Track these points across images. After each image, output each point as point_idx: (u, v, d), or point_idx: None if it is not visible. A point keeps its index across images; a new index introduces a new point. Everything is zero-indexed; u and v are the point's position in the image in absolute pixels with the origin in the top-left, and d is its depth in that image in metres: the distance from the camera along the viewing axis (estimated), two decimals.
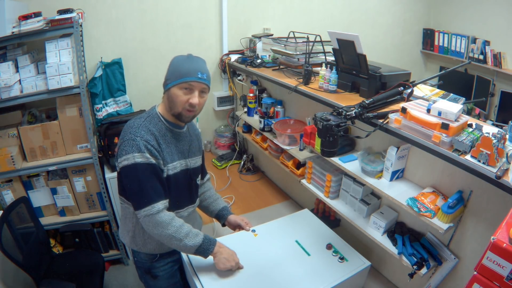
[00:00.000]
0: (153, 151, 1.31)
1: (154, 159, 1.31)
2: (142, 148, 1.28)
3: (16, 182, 2.26)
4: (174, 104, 1.35)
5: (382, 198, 1.69)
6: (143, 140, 1.29)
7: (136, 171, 1.28)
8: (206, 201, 1.75)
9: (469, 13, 3.71)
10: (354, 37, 1.60)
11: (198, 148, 1.61)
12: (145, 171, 1.29)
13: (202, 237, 1.39)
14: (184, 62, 1.35)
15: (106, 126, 2.39)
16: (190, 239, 1.35)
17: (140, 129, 1.33)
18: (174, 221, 1.34)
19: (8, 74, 1.96)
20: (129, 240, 1.51)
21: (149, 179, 1.30)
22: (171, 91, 1.34)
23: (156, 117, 1.40)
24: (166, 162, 1.38)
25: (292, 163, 2.19)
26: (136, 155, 1.28)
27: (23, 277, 1.99)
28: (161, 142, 1.36)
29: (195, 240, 1.36)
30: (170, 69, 1.37)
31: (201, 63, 1.39)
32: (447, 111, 1.20)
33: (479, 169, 1.09)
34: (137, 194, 1.31)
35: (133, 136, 1.30)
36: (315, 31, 2.10)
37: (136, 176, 1.29)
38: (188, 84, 1.33)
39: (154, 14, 2.64)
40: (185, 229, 1.35)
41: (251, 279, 1.43)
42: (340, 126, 1.28)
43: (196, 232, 1.40)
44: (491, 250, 0.79)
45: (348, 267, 1.51)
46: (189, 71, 1.33)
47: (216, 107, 3.06)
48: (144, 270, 1.56)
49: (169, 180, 1.41)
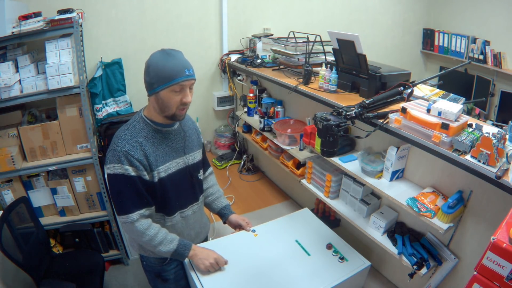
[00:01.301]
0: (134, 162, 1.30)
1: (133, 169, 1.31)
2: (122, 159, 1.29)
3: (16, 182, 2.26)
4: (167, 107, 1.32)
5: (382, 198, 1.69)
6: (123, 150, 1.29)
7: (115, 181, 1.33)
8: (209, 197, 1.73)
9: (469, 13, 3.71)
10: (354, 37, 1.60)
11: (197, 142, 1.57)
12: (122, 182, 1.31)
13: (176, 243, 1.43)
14: (166, 61, 1.27)
15: (106, 126, 2.39)
16: (164, 246, 1.40)
17: (122, 138, 1.32)
18: (149, 230, 1.37)
19: (8, 74, 1.96)
20: (137, 246, 1.51)
21: (126, 190, 1.33)
22: (160, 95, 1.29)
23: (142, 121, 1.37)
24: (155, 166, 1.36)
25: (292, 163, 2.19)
26: (116, 165, 1.30)
27: (23, 277, 1.99)
28: (146, 148, 1.33)
29: (169, 247, 1.41)
30: (151, 71, 1.28)
31: (182, 58, 1.31)
32: (447, 111, 1.20)
33: (479, 169, 1.09)
34: (116, 202, 1.37)
35: (115, 146, 1.32)
36: (315, 31, 2.10)
37: (114, 185, 1.34)
38: (179, 85, 1.28)
39: (154, 14, 2.64)
40: (159, 237, 1.39)
41: (251, 279, 1.43)
42: (340, 126, 1.28)
43: (172, 238, 1.43)
44: (491, 250, 0.79)
45: (348, 267, 1.51)
46: (176, 70, 1.26)
47: (216, 107, 3.06)
48: (155, 274, 1.56)
49: (164, 183, 1.40)
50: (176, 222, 1.51)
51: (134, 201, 1.34)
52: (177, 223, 1.51)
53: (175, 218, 1.50)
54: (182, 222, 1.54)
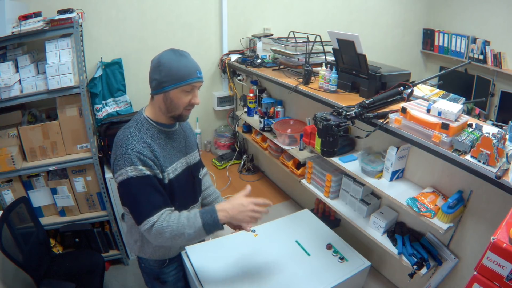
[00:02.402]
0: (147, 161, 1.25)
1: (148, 169, 1.25)
2: (135, 160, 1.23)
3: (16, 182, 2.26)
4: (175, 107, 1.32)
5: (382, 198, 1.69)
6: (134, 151, 1.24)
7: (130, 186, 1.24)
8: (207, 199, 1.73)
9: (469, 13, 3.71)
10: (354, 37, 1.60)
11: (195, 142, 1.58)
12: (138, 184, 1.24)
13: (199, 217, 1.26)
14: (179, 61, 1.28)
15: (106, 126, 2.39)
16: (190, 227, 1.25)
17: (130, 140, 1.27)
18: (169, 223, 1.24)
19: (8, 74, 1.96)
20: (137, 249, 1.50)
21: (143, 192, 1.25)
22: (171, 94, 1.29)
23: (146, 122, 1.35)
24: (164, 167, 1.33)
25: (292, 163, 2.19)
26: (129, 169, 1.23)
27: (23, 277, 1.99)
28: (155, 149, 1.30)
29: (195, 225, 1.25)
30: (163, 70, 1.27)
31: (193, 60, 1.33)
32: (447, 111, 1.20)
33: (479, 169, 1.09)
34: (134, 210, 1.27)
35: (124, 149, 1.25)
36: (315, 31, 2.10)
37: (131, 191, 1.25)
38: (191, 86, 1.29)
39: (154, 14, 2.64)
40: (181, 221, 1.25)
41: (251, 279, 1.43)
42: (340, 126, 1.28)
43: (193, 214, 1.28)
44: (491, 250, 0.79)
45: (348, 267, 1.51)
46: (189, 71, 1.28)
47: (216, 107, 3.06)
48: (153, 276, 1.55)
49: (172, 184, 1.37)
50: None
51: (153, 202, 1.26)
52: None
53: None
54: None
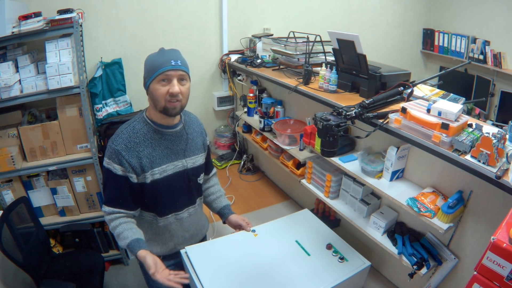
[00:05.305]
0: (123, 162, 1.34)
1: (121, 169, 1.35)
2: (113, 156, 1.35)
3: (16, 182, 2.26)
4: (156, 100, 1.32)
5: (382, 198, 1.69)
6: (115, 149, 1.34)
7: (104, 174, 1.42)
8: (209, 197, 1.74)
9: (469, 13, 3.71)
10: (354, 37, 1.60)
11: (201, 146, 1.58)
12: (108, 176, 1.38)
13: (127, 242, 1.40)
14: (156, 56, 1.33)
15: (106, 126, 2.39)
16: (120, 240, 1.42)
17: (119, 137, 1.36)
18: (113, 223, 1.43)
19: (8, 74, 1.96)
20: None
21: (109, 185, 1.41)
22: (150, 88, 1.32)
23: (143, 121, 1.39)
24: (149, 167, 1.37)
25: (292, 163, 2.19)
26: (108, 161, 1.37)
27: (23, 277, 2.00)
28: (142, 149, 1.36)
29: (123, 242, 1.41)
30: (145, 68, 1.35)
31: (174, 53, 1.35)
32: (447, 111, 1.20)
33: (479, 169, 1.09)
34: (103, 192, 1.48)
35: (111, 142, 1.37)
36: (315, 31, 2.10)
37: (104, 177, 1.43)
38: (164, 75, 1.28)
39: (154, 14, 2.64)
40: (116, 231, 1.43)
41: (251, 279, 1.43)
42: (340, 126, 1.28)
43: (127, 235, 1.40)
44: (491, 250, 0.79)
45: (348, 267, 1.50)
46: (162, 62, 1.29)
47: (216, 107, 3.06)
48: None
49: (156, 185, 1.40)
50: (169, 223, 1.52)
51: (111, 196, 1.41)
52: (170, 224, 1.52)
53: (169, 219, 1.51)
54: (177, 223, 1.54)
